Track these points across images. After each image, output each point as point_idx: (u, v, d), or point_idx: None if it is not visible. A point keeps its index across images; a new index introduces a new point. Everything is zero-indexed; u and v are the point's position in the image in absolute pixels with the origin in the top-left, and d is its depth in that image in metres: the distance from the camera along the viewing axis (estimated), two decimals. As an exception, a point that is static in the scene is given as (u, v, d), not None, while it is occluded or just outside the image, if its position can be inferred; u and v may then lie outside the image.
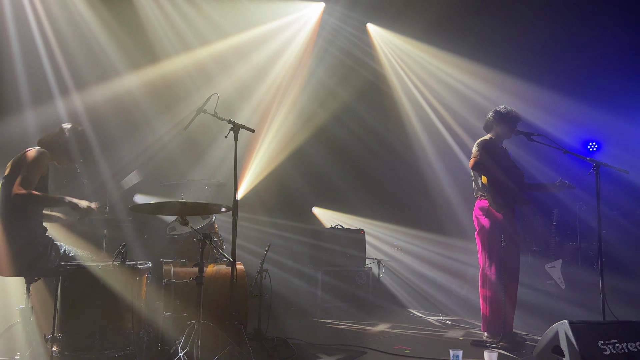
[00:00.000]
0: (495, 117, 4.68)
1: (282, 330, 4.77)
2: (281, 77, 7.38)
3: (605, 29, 6.82)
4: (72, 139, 3.62)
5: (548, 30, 6.98)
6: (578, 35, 6.87)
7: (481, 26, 7.16)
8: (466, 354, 3.68)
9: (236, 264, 3.66)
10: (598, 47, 6.93)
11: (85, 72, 5.79)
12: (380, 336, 4.80)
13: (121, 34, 5.94)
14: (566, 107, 7.00)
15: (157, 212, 4.23)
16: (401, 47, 7.94)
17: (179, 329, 3.60)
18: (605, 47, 6.96)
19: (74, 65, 5.71)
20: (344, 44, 7.63)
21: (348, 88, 7.70)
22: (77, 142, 3.63)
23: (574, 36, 6.92)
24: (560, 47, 7.16)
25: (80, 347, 3.11)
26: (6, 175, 3.43)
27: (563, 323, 3.14)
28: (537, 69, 7.07)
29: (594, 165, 4.04)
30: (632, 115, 7.04)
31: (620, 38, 6.89)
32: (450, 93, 7.77)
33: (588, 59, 7.03)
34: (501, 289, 4.35)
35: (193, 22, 6.44)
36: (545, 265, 6.25)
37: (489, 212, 4.50)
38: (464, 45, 7.23)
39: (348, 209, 7.77)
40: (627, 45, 6.90)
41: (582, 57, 7.06)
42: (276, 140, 7.29)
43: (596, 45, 6.92)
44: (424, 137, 8.07)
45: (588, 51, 7.00)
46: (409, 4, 6.93)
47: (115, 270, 3.22)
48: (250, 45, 6.93)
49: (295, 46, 7.49)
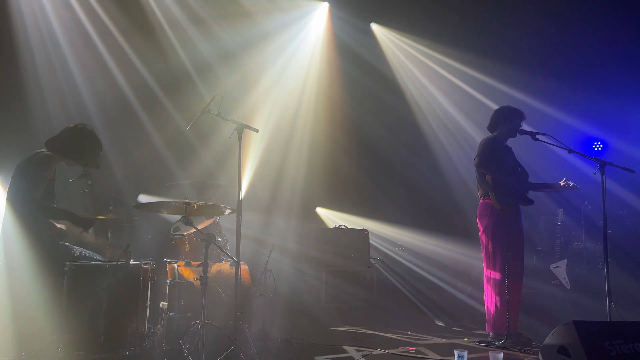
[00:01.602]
0: (500, 116, 4.66)
1: (286, 331, 4.77)
2: (285, 77, 7.38)
3: (612, 26, 6.79)
4: (78, 138, 3.59)
5: (554, 27, 6.96)
6: (582, 33, 6.84)
7: (488, 24, 7.14)
8: (471, 354, 3.67)
9: (240, 264, 3.65)
10: (604, 44, 6.90)
11: (90, 72, 5.83)
12: (384, 336, 4.79)
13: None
14: (571, 107, 6.99)
15: (161, 212, 4.24)
16: (408, 45, 7.92)
17: (183, 329, 3.60)
18: (612, 44, 6.92)
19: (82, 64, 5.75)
20: (350, 43, 7.62)
21: (354, 87, 7.69)
22: (82, 141, 3.61)
23: (579, 33, 6.89)
24: (565, 44, 7.13)
25: (85, 347, 3.11)
26: (13, 177, 3.45)
27: (569, 323, 3.12)
28: (543, 67, 7.05)
29: (600, 164, 4.02)
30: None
31: (627, 34, 6.86)
32: (454, 92, 7.75)
33: (595, 56, 7.00)
34: (505, 289, 4.33)
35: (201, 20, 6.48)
36: (551, 265, 6.22)
37: (493, 211, 4.48)
38: (470, 43, 7.21)
39: (352, 209, 7.76)
40: (633, 42, 6.87)
41: (588, 55, 7.03)
42: (280, 140, 7.29)
43: (602, 42, 6.89)
44: (428, 137, 8.05)
45: (595, 48, 6.97)
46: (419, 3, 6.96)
47: (119, 270, 3.22)
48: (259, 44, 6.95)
49: (299, 46, 7.50)
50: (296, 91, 7.49)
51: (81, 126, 3.64)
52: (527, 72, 6.98)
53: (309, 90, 7.55)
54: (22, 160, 3.53)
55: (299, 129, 7.44)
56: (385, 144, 8.03)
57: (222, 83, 6.58)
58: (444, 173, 7.82)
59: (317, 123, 7.55)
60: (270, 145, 7.17)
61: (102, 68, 5.98)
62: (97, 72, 5.91)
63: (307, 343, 4.35)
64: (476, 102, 7.41)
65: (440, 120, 7.95)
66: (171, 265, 4.04)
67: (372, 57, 7.85)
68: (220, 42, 6.66)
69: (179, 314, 3.80)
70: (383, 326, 5.27)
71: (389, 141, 8.07)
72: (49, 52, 5.63)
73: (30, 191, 3.34)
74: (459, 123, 7.72)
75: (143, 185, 5.80)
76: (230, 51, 6.74)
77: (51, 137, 3.62)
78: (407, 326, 5.31)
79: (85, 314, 3.17)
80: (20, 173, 3.44)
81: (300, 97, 7.51)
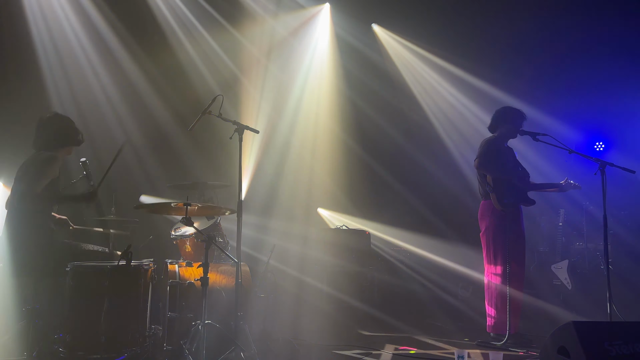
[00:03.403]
0: (500, 117, 4.66)
1: (287, 331, 4.77)
2: (287, 78, 7.40)
3: (613, 28, 6.78)
4: (57, 124, 3.63)
5: (553, 28, 6.95)
6: (583, 33, 6.83)
7: (486, 26, 7.14)
8: (472, 355, 3.68)
9: (241, 265, 3.66)
10: (604, 44, 6.90)
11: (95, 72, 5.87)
12: (385, 337, 4.79)
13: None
14: (573, 107, 6.98)
15: (162, 213, 4.25)
16: (410, 48, 7.93)
17: (184, 329, 3.61)
18: (612, 45, 6.91)
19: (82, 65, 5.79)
20: (353, 45, 7.63)
21: (356, 89, 7.70)
22: (60, 124, 3.65)
23: (580, 33, 6.88)
24: (565, 44, 7.12)
25: (87, 348, 3.13)
26: (16, 179, 3.46)
27: (569, 324, 3.12)
28: (544, 67, 7.05)
29: (600, 165, 4.02)
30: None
31: (627, 35, 6.85)
32: (456, 92, 7.74)
33: (595, 57, 6.99)
34: (506, 289, 4.33)
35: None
36: (552, 265, 6.21)
37: (494, 212, 4.48)
38: (469, 45, 7.22)
39: (353, 210, 7.76)
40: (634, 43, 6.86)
41: (588, 55, 7.02)
42: (281, 141, 7.30)
43: (602, 42, 6.88)
44: (431, 138, 8.04)
45: (594, 49, 6.96)
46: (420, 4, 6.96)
47: (121, 270, 3.23)
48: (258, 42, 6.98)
49: (303, 48, 7.52)
50: (297, 91, 7.50)
51: (49, 114, 3.70)
52: (530, 72, 6.98)
53: (311, 90, 7.56)
54: (24, 162, 3.55)
55: (299, 129, 7.44)
56: (387, 144, 8.03)
57: (224, 84, 6.59)
58: (446, 174, 7.81)
59: (318, 123, 7.56)
60: (271, 146, 7.18)
61: (106, 68, 6.00)
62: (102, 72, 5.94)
63: (308, 344, 4.36)
64: (478, 102, 7.40)
65: (444, 121, 7.95)
66: (172, 265, 4.06)
67: (374, 56, 7.86)
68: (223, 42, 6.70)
69: (179, 315, 3.81)
70: (384, 327, 5.27)
71: (391, 141, 8.07)
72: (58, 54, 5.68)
73: (31, 188, 3.35)
74: (463, 123, 7.71)
75: (144, 186, 5.82)
76: (229, 53, 6.76)
77: (33, 139, 3.63)
78: (407, 327, 5.31)
79: (87, 314, 3.19)
80: (23, 174, 3.46)
81: (300, 97, 7.51)
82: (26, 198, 3.34)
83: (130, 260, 3.25)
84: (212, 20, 6.64)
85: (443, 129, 7.92)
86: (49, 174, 3.45)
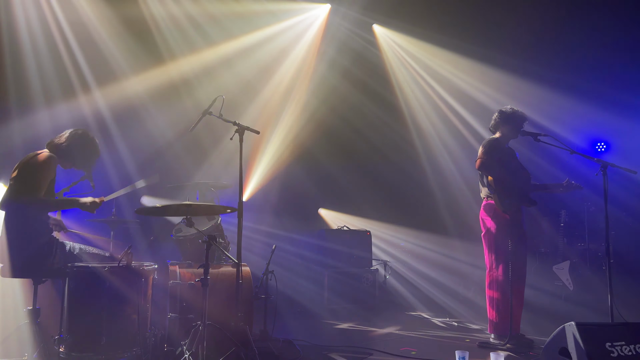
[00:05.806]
0: (501, 118, 4.65)
1: (288, 332, 4.77)
2: (287, 78, 7.39)
3: (615, 27, 6.77)
4: (79, 144, 3.65)
5: (556, 29, 6.94)
6: (586, 33, 6.82)
7: (489, 24, 7.13)
8: (473, 355, 3.66)
9: (242, 266, 3.66)
10: (607, 45, 6.88)
11: (92, 73, 5.85)
12: (387, 338, 4.79)
13: (128, 37, 5.99)
14: (574, 107, 6.96)
15: (163, 214, 4.25)
16: (407, 46, 7.92)
17: (184, 330, 3.61)
18: (614, 45, 6.90)
19: (80, 68, 5.77)
20: (350, 44, 7.63)
21: (355, 89, 7.70)
22: (83, 147, 3.66)
23: (582, 34, 6.87)
24: (568, 45, 7.11)
25: (87, 348, 3.13)
26: (14, 177, 3.45)
27: (570, 324, 3.11)
28: (546, 67, 7.03)
29: (601, 165, 4.01)
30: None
31: (629, 35, 6.84)
32: (457, 93, 7.74)
33: (596, 57, 6.98)
34: (508, 290, 4.32)
35: (199, 22, 6.48)
36: (553, 266, 6.20)
37: (495, 213, 4.47)
38: (470, 44, 7.20)
39: (354, 210, 7.76)
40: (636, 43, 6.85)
41: (590, 56, 7.01)
42: (282, 142, 7.30)
43: (604, 43, 6.87)
44: (432, 139, 8.05)
45: (596, 50, 6.95)
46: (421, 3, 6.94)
47: (121, 271, 3.23)
48: (257, 46, 6.96)
49: (302, 47, 7.51)
50: (297, 91, 7.50)
51: (82, 132, 3.70)
52: (532, 72, 6.96)
53: (311, 90, 7.56)
54: (22, 161, 3.53)
55: (300, 129, 7.44)
56: (391, 144, 8.04)
57: (223, 85, 6.59)
58: (448, 174, 7.81)
59: (319, 123, 7.56)
60: (272, 146, 7.18)
61: (106, 68, 6.00)
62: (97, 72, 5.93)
63: (308, 344, 4.35)
64: (480, 102, 7.40)
65: (445, 122, 7.95)
66: (173, 266, 4.05)
67: (374, 57, 7.86)
68: (219, 44, 6.69)
69: (180, 315, 3.81)
70: (385, 327, 5.26)
71: (396, 142, 8.08)
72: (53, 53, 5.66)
73: (33, 190, 3.35)
74: (463, 125, 7.71)
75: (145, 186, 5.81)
76: (230, 53, 6.75)
77: (53, 138, 3.65)
78: (408, 327, 5.31)
79: (87, 315, 3.18)
80: (22, 174, 3.44)
81: (301, 96, 7.51)
82: (26, 199, 3.33)
83: (130, 260, 3.24)
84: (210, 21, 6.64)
85: (447, 130, 7.93)
86: (47, 175, 3.45)
